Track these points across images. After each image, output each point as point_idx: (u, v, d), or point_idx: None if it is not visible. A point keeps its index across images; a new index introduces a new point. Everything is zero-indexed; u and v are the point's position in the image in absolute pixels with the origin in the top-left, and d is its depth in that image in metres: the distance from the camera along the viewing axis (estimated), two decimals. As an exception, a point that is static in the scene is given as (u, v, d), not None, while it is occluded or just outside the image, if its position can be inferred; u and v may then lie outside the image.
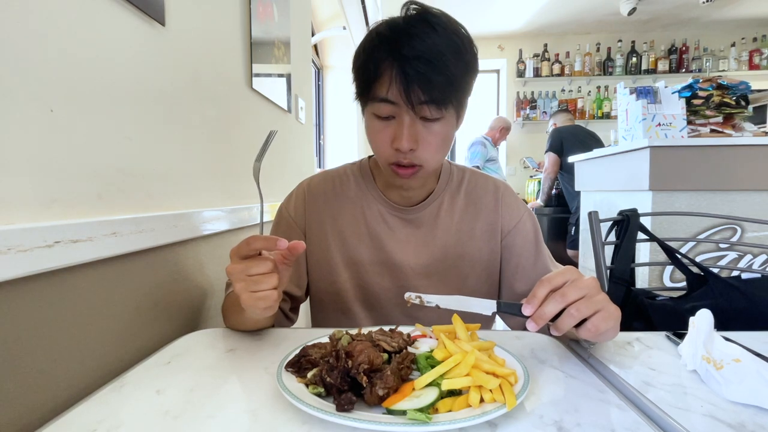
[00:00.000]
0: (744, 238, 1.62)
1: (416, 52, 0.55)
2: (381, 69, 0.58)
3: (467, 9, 3.73)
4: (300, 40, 1.58)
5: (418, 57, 0.55)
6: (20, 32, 0.42)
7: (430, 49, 0.56)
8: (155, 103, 0.65)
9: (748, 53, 4.22)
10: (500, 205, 0.76)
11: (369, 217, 0.74)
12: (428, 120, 0.60)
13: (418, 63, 0.55)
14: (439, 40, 0.56)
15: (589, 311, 0.46)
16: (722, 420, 0.40)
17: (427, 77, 0.55)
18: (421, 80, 0.56)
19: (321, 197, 0.76)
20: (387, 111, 0.60)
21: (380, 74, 0.58)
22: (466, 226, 0.75)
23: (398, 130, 0.60)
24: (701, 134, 1.69)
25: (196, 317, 0.77)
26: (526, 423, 0.39)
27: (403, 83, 0.56)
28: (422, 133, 0.61)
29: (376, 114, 0.62)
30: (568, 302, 0.46)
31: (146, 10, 0.61)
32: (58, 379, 0.46)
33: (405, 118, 0.59)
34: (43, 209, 0.44)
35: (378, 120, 0.62)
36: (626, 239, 1.02)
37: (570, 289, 0.46)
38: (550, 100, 4.45)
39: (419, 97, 0.57)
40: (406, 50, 0.55)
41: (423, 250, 0.73)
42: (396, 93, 0.57)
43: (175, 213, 0.67)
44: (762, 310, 0.85)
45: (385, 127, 0.62)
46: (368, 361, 0.43)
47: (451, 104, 0.60)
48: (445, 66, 0.56)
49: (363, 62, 0.61)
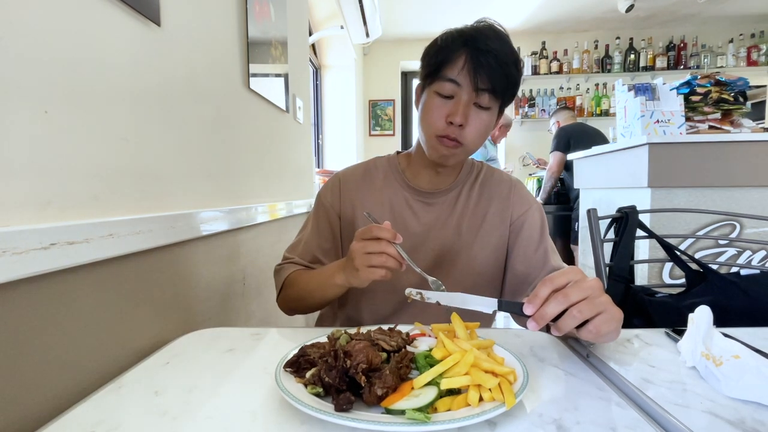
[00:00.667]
0: (743, 235, 1.63)
1: (489, 47, 0.67)
2: (455, 55, 0.69)
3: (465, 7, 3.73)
4: (297, 40, 1.58)
5: (489, 51, 0.67)
6: (14, 33, 0.42)
7: (499, 50, 0.68)
8: (151, 103, 0.65)
9: (746, 49, 4.21)
10: (512, 194, 0.85)
11: (395, 203, 0.83)
12: (480, 107, 0.71)
13: (489, 56, 0.67)
14: (506, 48, 0.69)
15: (591, 313, 0.46)
16: (722, 416, 0.40)
17: (493, 69, 0.67)
18: (488, 70, 0.67)
19: (353, 184, 0.85)
20: (450, 90, 0.70)
21: (454, 59, 0.69)
22: (480, 211, 0.83)
23: (455, 107, 0.70)
24: (700, 131, 1.68)
25: (194, 318, 0.76)
26: (526, 422, 0.39)
27: (474, 69, 0.68)
28: (473, 115, 0.71)
29: (438, 92, 0.72)
30: (571, 303, 0.46)
31: (142, 11, 0.61)
32: (56, 381, 0.46)
33: (464, 98, 0.70)
34: (38, 211, 0.44)
35: (438, 97, 0.72)
36: (625, 236, 1.02)
37: (573, 290, 0.46)
38: (549, 98, 4.44)
39: (484, 83, 0.68)
40: (480, 44, 0.68)
41: (442, 233, 0.81)
42: (464, 76, 0.69)
43: (173, 214, 0.67)
44: (761, 306, 0.85)
45: (444, 104, 0.71)
46: (367, 360, 0.42)
47: (500, 99, 0.72)
48: (506, 64, 0.68)
49: (439, 48, 0.72)
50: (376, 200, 0.83)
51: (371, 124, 4.41)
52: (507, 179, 0.88)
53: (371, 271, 0.60)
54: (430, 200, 0.83)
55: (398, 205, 0.83)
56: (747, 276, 0.92)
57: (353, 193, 0.84)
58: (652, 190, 1.65)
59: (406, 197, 0.83)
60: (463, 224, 0.82)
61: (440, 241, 0.80)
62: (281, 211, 1.30)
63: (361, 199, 0.83)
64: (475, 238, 0.81)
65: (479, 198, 0.84)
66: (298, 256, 0.82)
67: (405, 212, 0.82)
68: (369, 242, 0.60)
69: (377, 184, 0.85)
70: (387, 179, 0.85)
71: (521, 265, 0.80)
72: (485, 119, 0.72)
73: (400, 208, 0.82)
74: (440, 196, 0.83)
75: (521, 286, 0.80)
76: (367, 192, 0.84)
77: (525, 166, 4.52)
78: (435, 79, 0.72)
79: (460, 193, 0.84)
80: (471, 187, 0.85)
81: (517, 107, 4.48)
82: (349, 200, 0.84)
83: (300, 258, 0.82)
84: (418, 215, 0.82)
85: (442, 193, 0.83)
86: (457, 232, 0.81)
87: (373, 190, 0.84)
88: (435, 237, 0.81)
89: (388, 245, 0.59)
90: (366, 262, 0.59)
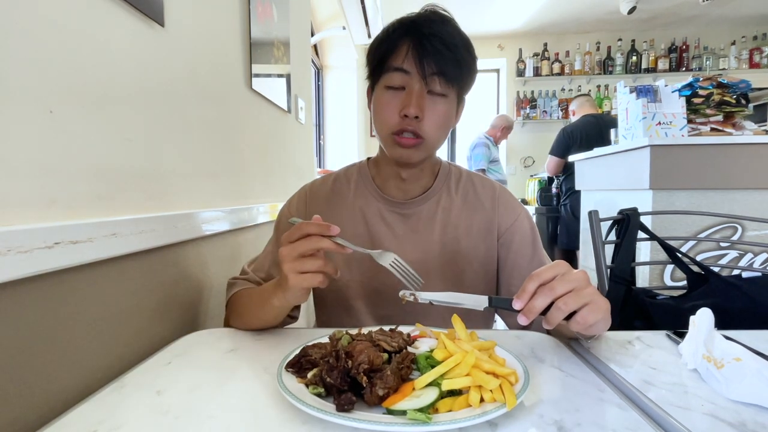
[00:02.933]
0: (744, 237, 1.62)
1: (432, 31, 0.64)
2: (399, 43, 0.65)
3: (467, 8, 3.73)
4: (299, 41, 1.58)
5: (433, 35, 0.63)
6: (20, 33, 0.42)
7: (445, 32, 0.64)
8: (155, 103, 0.65)
9: (748, 51, 4.21)
10: (498, 204, 0.78)
11: (368, 216, 0.77)
12: (435, 94, 0.66)
13: (434, 39, 0.63)
14: (452, 30, 0.65)
15: (577, 305, 0.47)
16: (723, 419, 0.40)
17: (440, 52, 0.63)
18: (434, 53, 0.63)
19: (322, 198, 0.79)
20: (399, 80, 0.66)
21: (397, 48, 0.66)
22: (463, 223, 0.77)
23: (407, 98, 0.65)
24: (701, 133, 1.68)
25: (196, 318, 0.77)
26: (527, 423, 0.39)
27: (419, 54, 0.63)
28: (428, 105, 0.66)
29: (387, 85, 0.67)
30: (557, 296, 0.47)
31: (145, 11, 0.61)
32: (58, 380, 0.46)
33: (415, 86, 0.65)
34: (42, 210, 0.44)
35: (389, 91, 0.68)
36: (627, 238, 1.02)
37: (558, 283, 0.47)
38: (550, 100, 4.44)
39: (432, 67, 0.64)
40: (424, 29, 0.64)
41: (420, 247, 0.75)
42: (411, 63, 0.64)
43: (175, 213, 0.67)
44: (763, 308, 0.85)
45: (395, 97, 0.67)
46: (368, 361, 0.43)
47: (455, 84, 0.66)
48: (455, 46, 0.64)
49: (381, 40, 0.68)
50: (349, 214, 0.77)
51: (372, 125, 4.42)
52: (490, 186, 0.81)
53: (303, 278, 0.53)
54: (405, 211, 0.76)
55: (372, 218, 0.76)
56: (748, 278, 0.92)
57: (322, 208, 0.77)
58: (654, 192, 1.65)
59: (379, 208, 0.77)
60: (445, 237, 0.75)
61: (420, 256, 0.74)
62: (283, 212, 1.30)
63: (332, 213, 0.76)
64: (459, 252, 0.75)
65: (462, 208, 0.77)
66: (252, 271, 0.76)
67: (377, 224, 0.76)
68: (298, 243, 0.53)
69: (348, 195, 0.78)
70: (358, 189, 0.79)
71: (517, 279, 0.75)
72: (442, 109, 0.67)
73: (373, 220, 0.76)
74: (416, 206, 0.76)
75: None
76: (338, 206, 0.78)
77: (526, 167, 4.53)
78: (382, 72, 0.67)
79: (439, 203, 0.77)
80: (450, 196, 0.78)
81: (518, 109, 4.49)
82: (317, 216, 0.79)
83: (253, 273, 0.75)
84: (393, 228, 0.76)
85: (417, 202, 0.76)
86: (440, 245, 0.75)
87: (344, 203, 0.78)
88: (413, 252, 0.74)
89: (320, 239, 0.53)
90: (297, 268, 0.52)
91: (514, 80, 4.52)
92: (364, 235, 0.76)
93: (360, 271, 0.75)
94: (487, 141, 3.31)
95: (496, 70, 4.81)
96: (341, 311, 0.77)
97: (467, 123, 4.69)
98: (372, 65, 0.70)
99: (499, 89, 4.78)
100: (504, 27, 4.29)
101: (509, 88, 4.58)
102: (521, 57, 4.47)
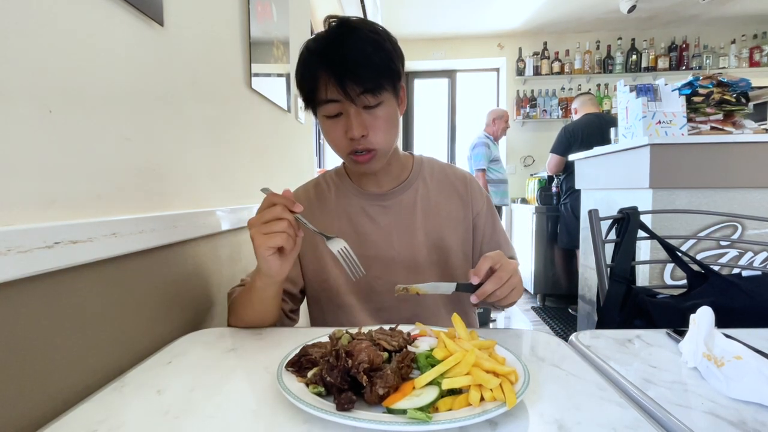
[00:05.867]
0: (744, 236, 1.62)
1: (342, 53, 0.65)
2: (317, 76, 0.67)
3: (466, 8, 3.73)
4: (299, 40, 1.57)
5: (344, 57, 0.65)
6: (18, 33, 0.42)
7: (353, 48, 0.65)
8: (154, 103, 0.65)
9: (748, 50, 4.21)
10: (469, 190, 0.85)
11: (351, 213, 0.81)
12: (370, 107, 0.68)
13: (346, 63, 0.65)
14: (359, 40, 0.66)
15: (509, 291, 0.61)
16: (723, 417, 0.40)
17: (356, 72, 0.65)
18: (351, 76, 0.65)
19: (304, 203, 0.81)
20: (334, 109, 0.69)
21: (318, 81, 0.67)
22: (443, 210, 0.82)
23: (347, 122, 0.68)
24: (701, 132, 1.68)
25: (196, 317, 0.77)
26: (527, 421, 0.39)
27: (339, 82, 0.65)
28: (369, 120, 0.69)
29: (326, 115, 0.70)
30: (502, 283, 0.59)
31: (145, 11, 0.61)
32: (58, 380, 0.46)
33: (350, 110, 0.68)
34: (42, 210, 0.44)
35: (329, 120, 0.71)
36: (626, 237, 1.02)
37: (503, 273, 0.60)
38: (550, 99, 4.44)
39: (356, 89, 0.65)
40: (332, 56, 0.65)
41: (406, 236, 0.80)
42: (335, 92, 0.66)
43: (175, 213, 0.67)
44: (763, 307, 0.85)
45: (336, 124, 0.70)
46: (368, 360, 0.43)
47: (384, 89, 0.68)
48: (368, 59, 0.65)
49: (302, 75, 0.70)
50: (332, 215, 0.81)
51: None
52: (461, 174, 0.87)
53: (267, 238, 0.58)
54: (385, 202, 0.81)
55: (355, 215, 0.81)
56: (748, 277, 0.92)
57: (307, 214, 0.79)
58: (654, 191, 1.65)
59: (362, 205, 0.81)
60: (428, 225, 0.80)
61: (407, 244, 0.79)
62: (283, 211, 1.30)
63: (316, 216, 0.81)
64: (442, 239, 0.80)
65: (438, 195, 0.83)
66: (248, 275, 0.79)
67: (362, 220, 0.80)
68: (265, 211, 0.59)
69: (330, 198, 0.83)
70: (339, 190, 0.83)
71: (478, 256, 0.80)
72: (383, 115, 0.70)
73: (357, 217, 0.80)
74: (396, 197, 0.81)
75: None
76: (320, 209, 0.82)
77: (526, 167, 4.52)
78: (316, 104, 0.70)
79: (418, 191, 0.82)
80: (426, 185, 0.83)
81: (518, 108, 4.48)
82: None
83: (248, 277, 0.78)
84: (376, 220, 0.80)
85: (396, 192, 0.81)
86: (424, 233, 0.79)
87: (326, 206, 0.82)
88: (400, 241, 0.79)
89: (284, 210, 0.58)
90: (262, 230, 0.58)
91: (513, 79, 4.52)
92: (350, 233, 0.79)
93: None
94: (486, 140, 3.24)
95: (496, 69, 4.80)
96: (334, 308, 0.80)
97: (467, 123, 4.70)
98: (304, 98, 0.73)
99: (498, 88, 4.78)
100: (504, 26, 4.28)
101: (509, 87, 4.57)
102: (521, 56, 4.46)
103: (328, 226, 0.80)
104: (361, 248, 0.77)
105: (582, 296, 2.33)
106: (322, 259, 0.80)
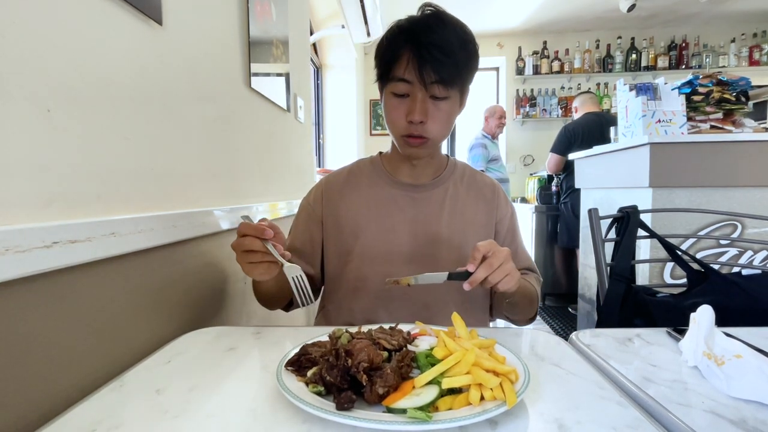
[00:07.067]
0: (744, 235, 1.62)
1: (429, 39, 0.67)
2: (400, 53, 0.70)
3: (467, 7, 3.72)
4: (298, 39, 1.58)
5: (430, 43, 0.67)
6: (16, 32, 0.42)
7: (441, 38, 0.67)
8: (153, 102, 0.65)
9: (748, 49, 4.20)
10: (496, 197, 0.89)
11: (382, 201, 0.84)
12: (437, 98, 0.71)
13: (431, 48, 0.67)
14: (449, 32, 0.69)
15: (501, 276, 0.61)
16: (723, 416, 0.40)
17: (438, 60, 0.67)
18: (433, 62, 0.67)
19: (336, 191, 0.86)
20: (403, 89, 0.71)
21: (399, 58, 0.70)
22: (468, 212, 0.85)
23: (412, 105, 0.71)
24: (701, 131, 1.68)
25: (196, 317, 0.77)
26: (527, 420, 0.39)
27: (419, 65, 0.68)
28: (431, 109, 0.72)
29: (393, 92, 0.73)
30: (493, 269, 0.60)
31: (144, 10, 0.61)
32: (57, 379, 0.46)
33: (418, 95, 0.70)
34: (41, 210, 0.44)
35: (395, 98, 0.73)
36: (626, 236, 1.02)
37: (494, 260, 0.60)
38: (550, 98, 4.44)
39: (431, 76, 0.68)
40: (421, 38, 0.68)
41: (430, 227, 0.82)
42: (412, 73, 0.69)
43: (174, 213, 0.67)
44: (763, 306, 0.85)
45: (401, 104, 0.73)
46: (368, 359, 0.42)
47: (456, 85, 0.71)
48: (452, 52, 0.68)
49: (385, 49, 0.73)
50: (361, 201, 0.84)
51: (372, 124, 4.41)
52: (489, 182, 0.91)
53: (250, 268, 0.63)
54: (416, 194, 0.84)
55: (383, 201, 0.84)
56: (748, 276, 0.92)
57: (336, 199, 0.85)
58: (654, 190, 1.65)
59: (392, 194, 0.84)
60: (453, 221, 0.83)
61: (429, 239, 0.81)
62: (282, 211, 1.30)
63: (346, 202, 0.84)
64: (464, 235, 0.83)
65: (466, 197, 0.86)
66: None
67: (390, 207, 0.83)
68: (241, 239, 0.62)
69: (362, 185, 0.86)
70: (372, 179, 0.86)
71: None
72: (446, 109, 0.73)
73: (386, 203, 0.83)
74: (426, 191, 0.84)
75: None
76: (352, 194, 0.85)
77: (526, 166, 4.52)
78: (387, 80, 0.73)
79: (447, 191, 0.85)
80: (456, 186, 0.86)
81: (518, 107, 4.48)
82: (333, 206, 0.85)
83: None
84: (404, 209, 0.83)
85: (428, 187, 0.84)
86: (448, 227, 0.82)
87: (358, 192, 0.85)
88: (423, 232, 0.81)
89: (253, 241, 0.61)
90: (244, 259, 0.63)
91: (513, 78, 4.51)
92: (377, 219, 0.82)
93: (366, 249, 0.81)
94: (483, 140, 3.21)
95: (496, 68, 4.80)
96: (354, 282, 0.81)
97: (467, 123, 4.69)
98: (379, 71, 0.76)
99: (498, 88, 4.77)
100: (503, 25, 4.28)
101: (509, 86, 4.57)
102: (521, 55, 4.46)
103: (357, 212, 0.83)
104: (386, 237, 0.81)
105: (582, 295, 2.33)
106: (346, 241, 0.82)
